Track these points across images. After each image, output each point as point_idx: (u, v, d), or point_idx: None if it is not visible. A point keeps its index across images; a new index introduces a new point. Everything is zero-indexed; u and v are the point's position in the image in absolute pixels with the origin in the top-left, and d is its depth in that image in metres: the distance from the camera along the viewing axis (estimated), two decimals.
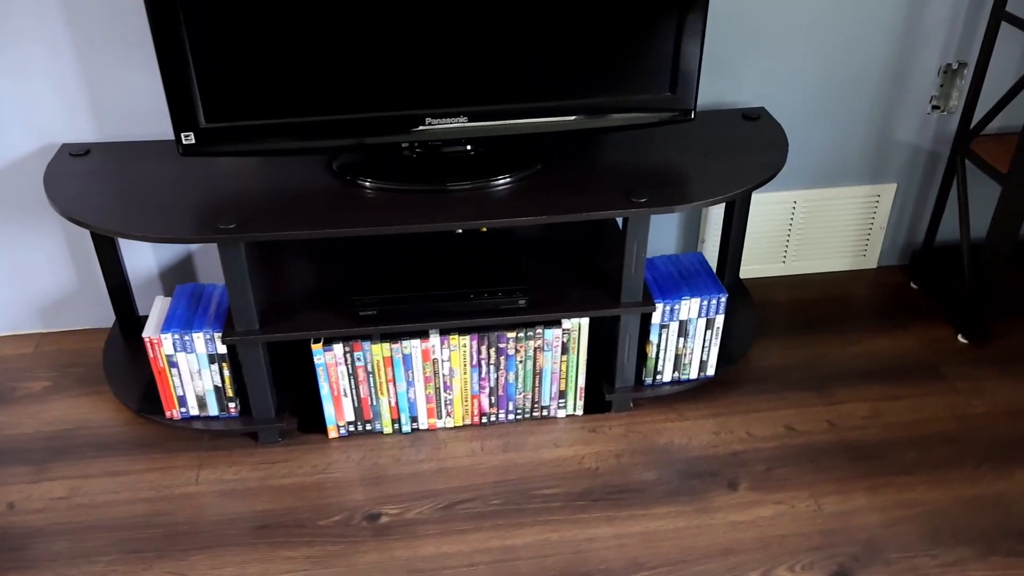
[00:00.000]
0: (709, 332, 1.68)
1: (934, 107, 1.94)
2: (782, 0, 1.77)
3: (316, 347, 1.56)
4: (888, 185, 2.03)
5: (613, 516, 1.52)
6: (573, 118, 1.55)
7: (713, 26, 1.77)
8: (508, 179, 1.56)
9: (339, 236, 1.44)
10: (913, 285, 2.10)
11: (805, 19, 1.79)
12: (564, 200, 1.50)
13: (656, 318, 1.64)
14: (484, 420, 1.70)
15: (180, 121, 1.45)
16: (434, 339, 1.59)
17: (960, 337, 1.92)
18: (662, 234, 2.03)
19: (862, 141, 1.97)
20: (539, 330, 1.61)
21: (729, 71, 1.84)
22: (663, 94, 1.57)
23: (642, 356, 1.70)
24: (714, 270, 1.76)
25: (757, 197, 2.00)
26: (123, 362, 1.78)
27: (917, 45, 1.85)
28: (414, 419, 1.68)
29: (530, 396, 1.69)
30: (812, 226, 2.06)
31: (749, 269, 2.11)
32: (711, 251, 2.05)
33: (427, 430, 1.69)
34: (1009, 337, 1.92)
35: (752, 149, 1.67)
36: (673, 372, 1.72)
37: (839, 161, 1.99)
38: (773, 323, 1.98)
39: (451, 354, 1.61)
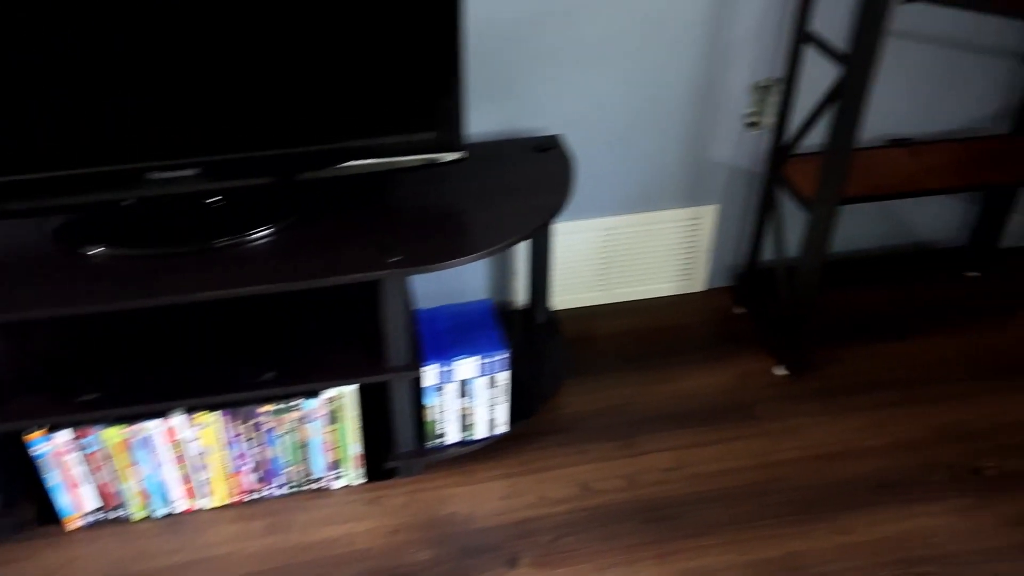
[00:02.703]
0: (493, 390, 1.54)
1: (750, 124, 1.82)
2: (577, 21, 1.61)
3: (33, 437, 1.37)
4: (709, 207, 1.91)
5: None
6: (319, 168, 1.38)
7: (503, 49, 1.61)
8: (254, 236, 1.39)
9: (53, 315, 1.25)
10: (739, 309, 1.99)
11: (604, 39, 1.64)
12: (311, 262, 1.33)
13: (430, 380, 1.50)
14: (250, 497, 1.55)
15: None
16: (177, 418, 1.42)
17: (780, 368, 1.82)
18: (469, 271, 1.88)
19: (678, 163, 1.84)
20: (298, 401, 1.45)
21: (525, 97, 1.68)
22: (424, 135, 1.41)
23: (422, 419, 1.56)
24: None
25: (571, 225, 1.86)
26: None
27: (725, 62, 1.72)
28: (168, 502, 1.51)
29: (300, 468, 1.54)
30: (633, 251, 1.94)
31: (569, 299, 1.98)
32: (523, 285, 1.91)
33: (185, 513, 1.53)
34: (828, 366, 1.83)
35: (536, 188, 1.52)
36: (460, 433, 1.59)
37: (655, 184, 1.86)
38: (588, 360, 1.86)
39: (200, 432, 1.44)
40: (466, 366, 1.50)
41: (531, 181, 1.55)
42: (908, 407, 1.73)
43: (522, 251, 1.87)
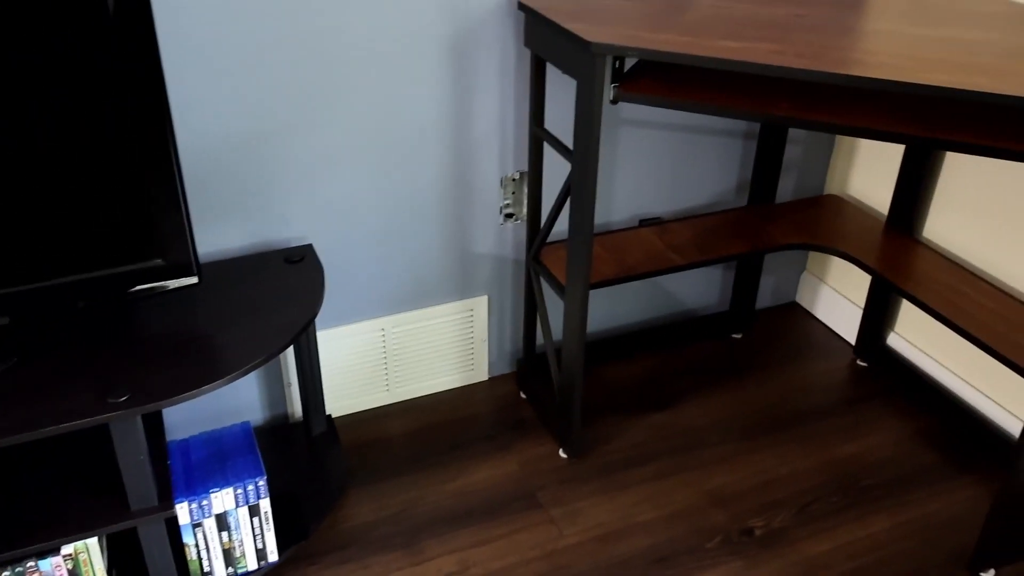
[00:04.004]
0: (257, 519, 1.47)
1: (508, 216, 1.87)
2: (319, 130, 1.61)
3: None
4: (479, 298, 1.94)
5: None
6: (40, 306, 1.29)
7: (246, 163, 1.58)
8: None
9: None
10: (523, 395, 2.02)
11: (348, 146, 1.65)
12: (27, 411, 1.23)
13: (184, 519, 1.40)
14: None
15: None
16: None
17: (562, 451, 1.85)
18: (234, 391, 1.80)
19: (442, 258, 1.86)
20: (31, 563, 1.32)
21: (274, 209, 1.65)
22: (152, 263, 1.34)
23: (184, 559, 1.46)
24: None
25: (340, 331, 1.83)
26: None
27: (474, 159, 1.77)
28: None
29: None
30: (411, 349, 1.93)
31: (351, 404, 1.94)
32: (296, 396, 1.85)
33: None
34: (607, 443, 1.87)
35: (285, 302, 1.49)
36: (227, 568, 1.49)
37: (423, 280, 1.86)
38: (372, 465, 1.81)
39: None
40: (222, 498, 1.42)
41: (280, 295, 1.51)
42: (681, 475, 1.79)
43: (292, 363, 1.82)
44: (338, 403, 1.92)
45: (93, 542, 1.35)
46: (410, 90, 1.65)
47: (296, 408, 1.87)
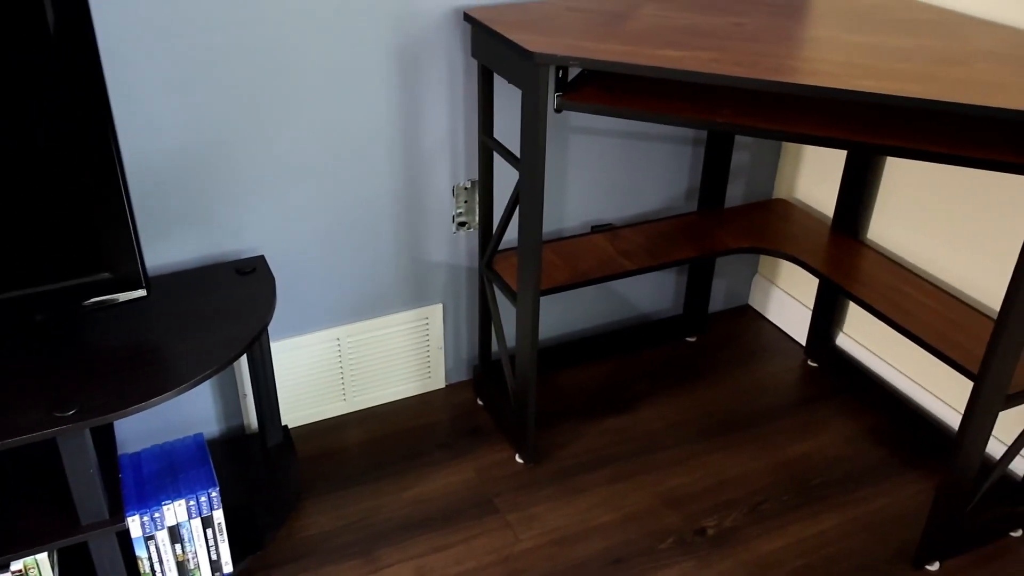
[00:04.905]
0: (210, 530, 1.47)
1: (460, 224, 1.89)
2: (268, 142, 1.61)
3: None
4: (434, 306, 1.95)
5: None
6: None
7: (196, 176, 1.58)
8: None
9: None
10: (480, 402, 2.03)
11: (297, 157, 1.65)
12: None
13: (136, 532, 1.40)
14: None
15: None
16: None
17: (518, 456, 1.87)
18: (188, 403, 1.80)
19: (395, 267, 1.87)
20: None
21: (224, 221, 1.65)
22: (97, 275, 1.34)
23: (137, 572, 1.46)
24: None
25: (294, 341, 1.83)
26: None
27: (424, 168, 1.78)
28: None
29: None
30: (366, 358, 1.93)
31: (309, 414, 1.94)
32: (252, 407, 1.85)
33: None
34: (563, 448, 1.90)
35: (236, 313, 1.49)
36: None
37: (376, 290, 1.87)
38: (329, 475, 1.81)
39: None
40: (175, 510, 1.41)
41: (231, 306, 1.51)
42: (636, 478, 1.82)
43: (247, 374, 1.82)
44: (295, 413, 1.93)
45: (43, 557, 1.34)
46: (360, 100, 1.66)
47: (252, 420, 1.87)
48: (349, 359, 1.91)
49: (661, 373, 2.13)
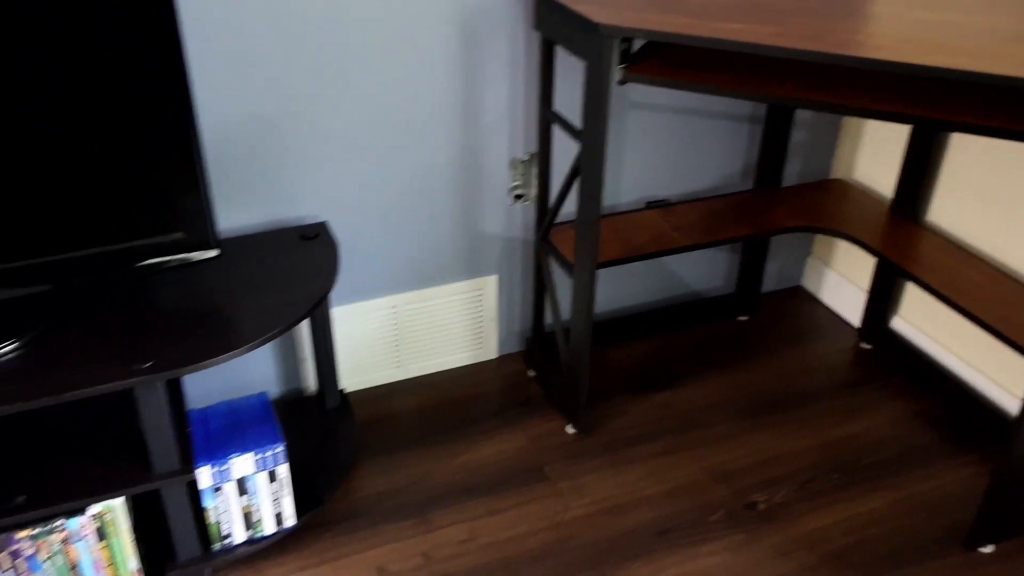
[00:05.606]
0: (275, 484, 1.52)
1: (517, 196, 1.91)
2: (332, 111, 1.65)
3: None
4: (489, 277, 1.98)
5: None
6: (63, 277, 1.34)
7: (263, 144, 1.63)
8: None
9: None
10: (530, 373, 2.06)
11: (360, 127, 1.69)
12: (58, 377, 1.28)
13: (205, 482, 1.46)
14: None
15: None
16: None
17: (569, 427, 1.89)
18: (251, 363, 1.86)
19: (452, 238, 1.90)
20: (60, 522, 1.38)
21: (289, 188, 1.70)
22: (173, 236, 1.40)
23: (204, 522, 1.52)
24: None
25: (353, 308, 1.88)
26: None
27: (484, 141, 1.81)
28: None
29: None
30: (421, 327, 1.98)
31: (363, 380, 1.99)
32: (311, 370, 1.91)
33: None
34: (613, 420, 1.92)
35: (301, 276, 1.54)
36: (247, 531, 1.55)
37: (432, 260, 1.91)
38: (383, 439, 1.86)
39: None
40: (242, 463, 1.47)
41: (296, 270, 1.56)
42: (684, 452, 1.83)
43: (307, 338, 1.87)
44: (351, 379, 1.98)
45: (119, 503, 1.40)
46: (421, 73, 1.69)
47: (310, 383, 1.92)
48: (404, 327, 1.96)
49: (710, 351, 2.14)
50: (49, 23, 1.18)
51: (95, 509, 1.40)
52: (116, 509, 1.41)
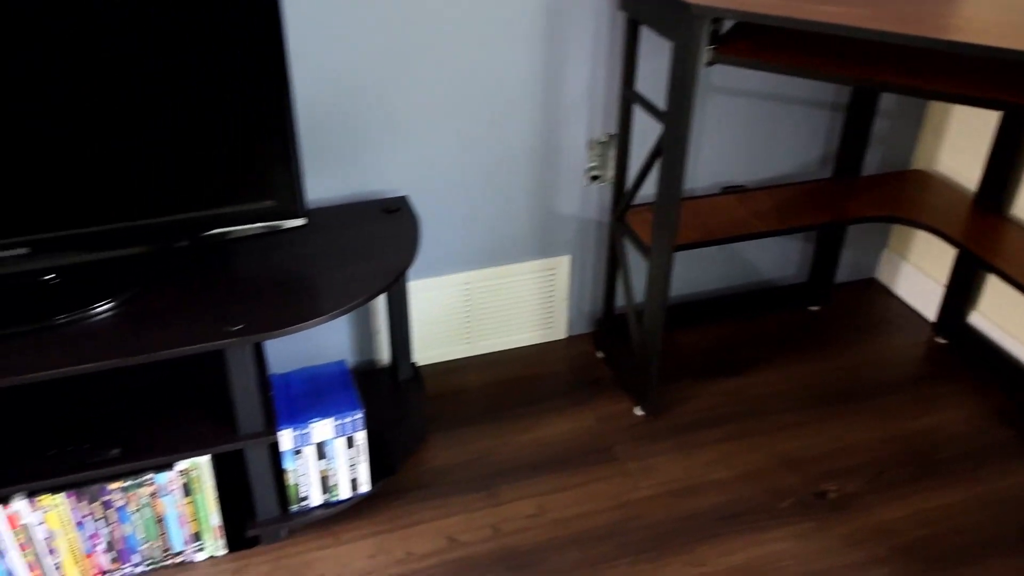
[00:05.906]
0: (352, 450, 1.56)
1: (593, 178, 1.92)
2: (416, 88, 1.68)
3: None
4: (562, 257, 1.99)
5: None
6: (157, 241, 1.39)
7: (349, 118, 1.66)
8: (95, 311, 1.38)
9: None
10: (599, 354, 2.07)
11: (443, 104, 1.71)
12: (152, 336, 1.33)
13: (287, 445, 1.50)
14: None
15: None
16: (18, 503, 1.38)
17: (637, 409, 1.90)
18: (329, 333, 1.90)
19: (527, 217, 1.92)
20: (149, 476, 1.44)
21: (373, 162, 1.73)
22: (264, 203, 1.44)
23: (283, 483, 1.56)
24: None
25: (429, 282, 1.91)
26: None
27: (563, 121, 1.82)
28: None
29: (159, 544, 1.51)
30: (493, 304, 2.00)
31: (434, 354, 2.02)
32: (385, 343, 1.94)
33: None
34: (682, 403, 1.92)
35: (383, 249, 1.57)
36: (323, 494, 1.59)
37: (507, 238, 1.93)
38: (453, 413, 1.89)
39: (45, 516, 1.41)
40: (322, 428, 1.51)
41: (378, 242, 1.59)
42: (753, 438, 1.83)
43: (382, 310, 1.91)
44: (422, 352, 2.01)
45: (205, 460, 1.46)
46: (504, 51, 1.70)
47: (383, 355, 1.96)
48: (476, 304, 1.98)
49: (781, 339, 2.12)
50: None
51: (182, 465, 1.45)
52: (202, 466, 1.46)
